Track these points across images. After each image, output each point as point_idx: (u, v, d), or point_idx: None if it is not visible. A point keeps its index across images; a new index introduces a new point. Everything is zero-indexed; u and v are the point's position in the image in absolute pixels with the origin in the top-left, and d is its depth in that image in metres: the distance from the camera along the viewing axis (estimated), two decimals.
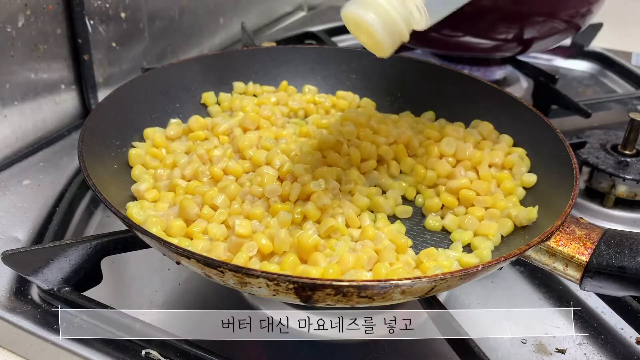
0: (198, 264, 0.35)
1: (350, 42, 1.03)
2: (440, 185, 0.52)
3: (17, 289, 0.47)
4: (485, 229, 0.47)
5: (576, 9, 0.73)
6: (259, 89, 0.64)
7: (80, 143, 0.45)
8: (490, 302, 0.49)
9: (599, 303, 0.49)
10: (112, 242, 0.45)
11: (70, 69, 0.71)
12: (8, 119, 0.64)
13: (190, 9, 0.88)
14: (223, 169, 0.50)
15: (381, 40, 0.38)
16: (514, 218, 0.47)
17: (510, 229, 0.47)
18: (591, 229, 0.40)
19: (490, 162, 0.53)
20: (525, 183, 0.51)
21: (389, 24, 0.38)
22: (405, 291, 0.34)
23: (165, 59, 0.85)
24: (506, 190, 0.50)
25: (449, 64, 0.81)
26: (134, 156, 0.51)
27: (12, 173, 0.63)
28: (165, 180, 0.50)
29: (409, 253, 0.45)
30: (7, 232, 0.54)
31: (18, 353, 0.45)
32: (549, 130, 0.51)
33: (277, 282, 0.34)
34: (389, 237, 0.45)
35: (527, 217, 0.46)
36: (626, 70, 0.93)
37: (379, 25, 0.37)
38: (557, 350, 0.45)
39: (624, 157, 0.62)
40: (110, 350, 0.42)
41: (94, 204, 0.59)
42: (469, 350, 0.39)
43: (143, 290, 0.49)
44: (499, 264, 0.37)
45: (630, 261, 0.36)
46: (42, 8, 0.64)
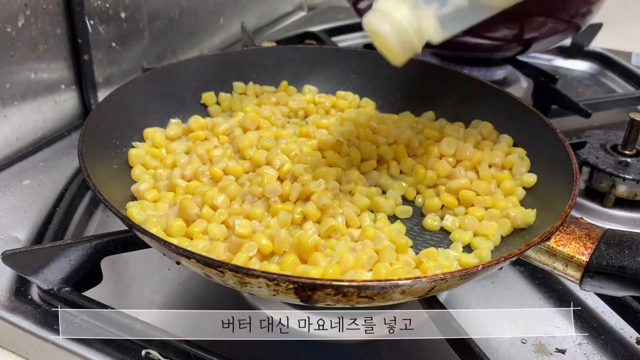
0: (198, 264, 0.35)
1: (350, 42, 1.03)
2: (440, 185, 0.52)
3: (17, 289, 0.47)
4: (485, 229, 0.47)
5: (576, 9, 0.73)
6: (259, 89, 0.64)
7: (80, 143, 0.45)
8: (490, 302, 0.49)
9: (599, 303, 0.49)
10: (112, 242, 0.45)
11: (70, 69, 0.71)
12: (8, 119, 0.64)
13: (190, 9, 0.88)
14: (223, 169, 0.50)
15: (394, 50, 0.41)
16: (512, 219, 0.47)
17: (509, 229, 0.47)
18: (591, 229, 0.40)
19: (490, 162, 0.53)
20: (525, 183, 0.51)
21: (402, 37, 0.41)
22: (405, 291, 0.34)
23: (165, 59, 0.85)
24: (506, 191, 0.50)
25: (449, 64, 0.81)
26: (134, 156, 0.51)
27: (12, 173, 0.63)
28: (165, 180, 0.50)
29: (409, 253, 0.45)
30: (7, 232, 0.54)
31: (18, 353, 0.45)
32: (549, 130, 0.51)
33: (277, 282, 0.34)
34: (389, 237, 0.45)
35: (524, 220, 0.46)
36: (626, 70, 0.93)
37: (393, 37, 0.41)
38: (557, 350, 0.45)
39: (624, 157, 0.62)
40: (110, 350, 0.42)
41: (94, 204, 0.59)
42: (469, 350, 0.39)
43: (143, 290, 0.49)
44: (499, 264, 0.37)
45: (630, 261, 0.36)
46: (42, 8, 0.64)
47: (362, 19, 0.42)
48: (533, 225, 0.46)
